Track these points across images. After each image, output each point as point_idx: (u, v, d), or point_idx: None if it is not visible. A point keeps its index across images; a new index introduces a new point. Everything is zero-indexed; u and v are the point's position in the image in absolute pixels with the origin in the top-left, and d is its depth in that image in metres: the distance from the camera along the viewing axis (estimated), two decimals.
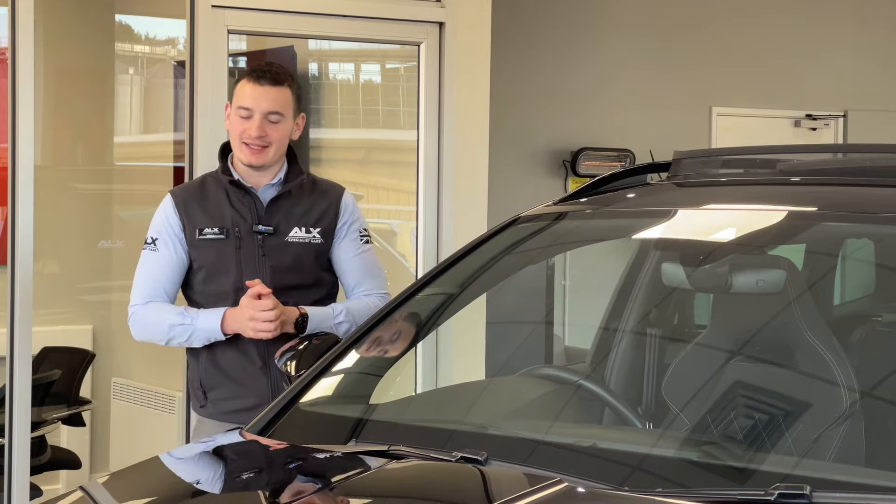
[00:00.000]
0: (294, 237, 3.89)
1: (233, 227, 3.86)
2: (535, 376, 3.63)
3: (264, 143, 3.84)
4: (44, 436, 5.64)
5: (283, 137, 3.88)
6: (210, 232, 3.86)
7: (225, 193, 3.90)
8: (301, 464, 2.94)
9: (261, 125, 3.82)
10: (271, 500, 2.70)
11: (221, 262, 3.86)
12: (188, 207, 3.89)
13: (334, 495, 2.66)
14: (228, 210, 3.88)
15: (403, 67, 6.58)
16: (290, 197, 3.92)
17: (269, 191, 3.91)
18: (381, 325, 3.33)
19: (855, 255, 3.63)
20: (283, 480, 2.90)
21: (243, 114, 3.84)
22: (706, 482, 2.62)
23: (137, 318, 3.88)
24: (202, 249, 3.86)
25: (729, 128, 7.75)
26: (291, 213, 3.91)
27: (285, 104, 3.86)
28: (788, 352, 3.15)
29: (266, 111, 3.83)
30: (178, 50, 6.90)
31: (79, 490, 2.81)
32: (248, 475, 2.96)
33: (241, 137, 3.84)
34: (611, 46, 7.42)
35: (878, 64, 8.18)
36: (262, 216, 3.88)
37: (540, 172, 7.19)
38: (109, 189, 7.03)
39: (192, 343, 3.84)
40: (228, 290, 3.85)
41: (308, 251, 3.91)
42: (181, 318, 3.81)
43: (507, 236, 3.45)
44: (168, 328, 3.82)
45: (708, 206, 3.41)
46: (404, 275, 6.25)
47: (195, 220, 3.87)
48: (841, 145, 7.36)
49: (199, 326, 3.80)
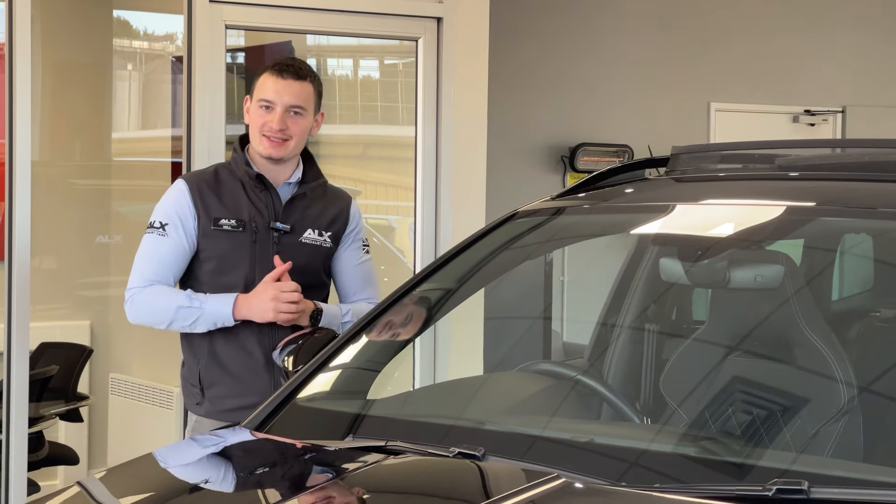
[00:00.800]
0: (307, 238, 3.90)
1: (250, 221, 3.84)
2: (533, 372, 3.63)
3: (285, 137, 3.83)
4: (41, 431, 5.63)
5: (304, 132, 3.88)
6: (227, 223, 3.84)
7: (241, 186, 3.88)
8: (298, 460, 2.94)
9: (282, 118, 3.82)
10: (269, 496, 2.70)
11: (235, 255, 3.83)
12: (203, 195, 3.85)
13: (332, 491, 2.66)
14: (246, 203, 3.85)
15: (402, 63, 6.57)
16: (306, 198, 3.92)
17: (286, 189, 3.91)
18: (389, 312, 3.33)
19: (853, 251, 3.62)
20: (281, 476, 2.90)
21: (265, 105, 3.84)
22: (704, 478, 2.61)
23: (138, 300, 3.81)
24: (216, 239, 3.83)
25: (727, 123, 7.74)
26: (307, 213, 3.91)
27: (307, 99, 3.87)
28: (786, 347, 3.15)
29: (288, 105, 3.83)
30: (176, 45, 6.90)
31: (76, 486, 2.80)
32: (246, 471, 2.96)
33: (262, 130, 3.84)
34: (609, 42, 7.42)
35: (876, 60, 8.17)
36: (280, 214, 3.88)
37: (538, 168, 7.19)
38: (107, 184, 7.03)
39: (196, 328, 3.79)
40: (239, 283, 3.82)
41: (318, 253, 3.92)
42: (188, 301, 3.77)
43: (505, 231, 3.45)
44: (174, 310, 3.76)
45: (706, 201, 3.40)
46: (402, 270, 6.25)
47: (210, 210, 3.83)
48: (839, 140, 7.36)
49: (207, 310, 3.76)
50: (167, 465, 3.01)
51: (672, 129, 7.34)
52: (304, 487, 2.75)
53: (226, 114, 5.22)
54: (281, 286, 3.74)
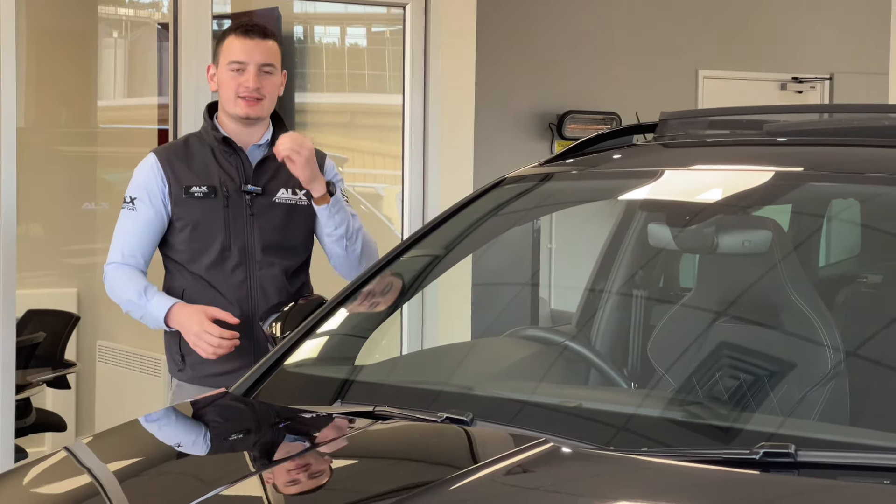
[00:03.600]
0: (281, 198, 3.91)
1: (221, 186, 3.85)
2: (521, 337, 3.63)
3: (260, 95, 3.85)
4: (29, 398, 5.63)
5: (276, 90, 3.92)
6: (197, 190, 3.85)
7: (211, 152, 3.89)
8: (286, 425, 2.94)
9: (256, 77, 3.85)
10: (256, 461, 2.70)
11: (208, 221, 3.85)
12: (173, 166, 3.87)
13: (320, 456, 2.66)
14: (216, 168, 3.87)
15: (389, 31, 6.55)
16: (277, 159, 3.91)
17: (256, 151, 3.92)
18: (370, 284, 3.32)
19: (841, 216, 3.63)
20: (269, 441, 2.90)
21: (236, 67, 3.85)
22: (691, 442, 2.62)
23: (108, 280, 3.90)
24: (188, 207, 3.85)
25: (715, 91, 7.74)
26: (279, 174, 3.91)
27: (275, 56, 3.91)
28: (774, 313, 3.15)
29: (260, 63, 3.86)
30: (162, 13, 6.86)
31: (63, 450, 2.80)
32: (233, 436, 2.96)
33: (238, 91, 3.85)
34: (597, 9, 7.39)
35: (863, 27, 8.16)
36: (251, 176, 3.88)
37: (526, 136, 7.17)
38: (93, 151, 7.00)
39: (146, 323, 3.86)
40: (215, 248, 3.84)
41: (295, 212, 3.92)
42: (137, 297, 3.82)
43: (493, 197, 3.44)
44: (125, 302, 3.86)
45: (694, 166, 3.40)
46: (390, 238, 6.24)
47: (181, 178, 3.86)
48: (827, 105, 7.35)
49: (149, 311, 3.82)
50: (154, 431, 3.01)
51: (660, 97, 7.32)
52: (291, 453, 2.74)
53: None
54: (208, 328, 3.72)
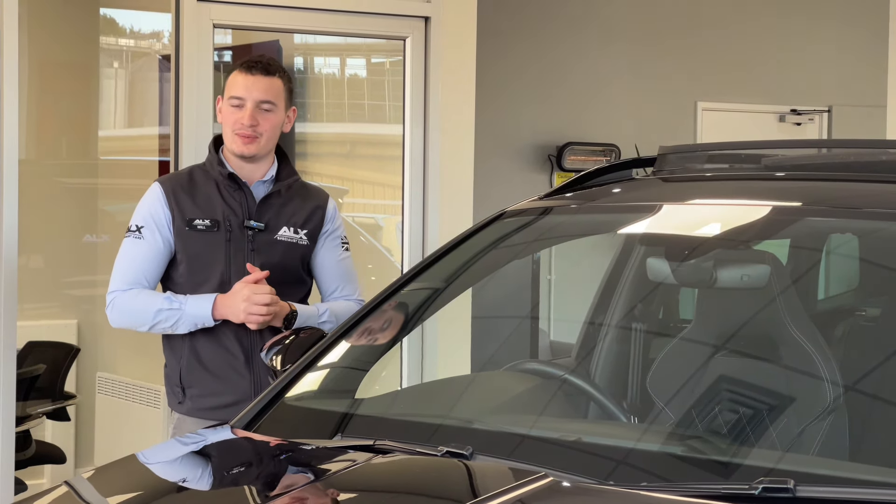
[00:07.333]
0: (283, 236, 3.91)
1: (224, 220, 3.86)
2: (521, 371, 3.63)
3: (256, 133, 3.85)
4: (28, 430, 5.62)
5: (275, 127, 3.90)
6: (200, 223, 3.86)
7: (215, 186, 3.90)
8: (287, 458, 2.94)
9: (253, 114, 3.85)
10: (258, 495, 2.70)
11: (209, 254, 3.85)
12: (178, 197, 3.88)
13: (320, 490, 2.66)
14: (220, 203, 3.88)
15: (389, 62, 6.58)
16: (281, 196, 3.93)
17: (260, 187, 3.93)
18: (370, 317, 3.33)
19: (839, 250, 3.64)
20: (270, 475, 2.90)
21: (235, 103, 3.87)
22: (691, 477, 2.62)
23: (119, 304, 3.85)
24: (190, 240, 3.85)
25: (714, 123, 7.76)
26: (282, 211, 3.92)
27: (277, 94, 3.89)
28: (773, 346, 3.15)
29: (258, 100, 3.86)
30: (164, 44, 6.89)
31: (63, 485, 2.80)
32: (234, 470, 2.96)
33: (234, 127, 3.86)
34: (596, 42, 7.43)
35: (862, 59, 8.19)
36: (254, 212, 3.89)
37: (525, 167, 7.19)
38: (94, 183, 7.02)
39: (177, 329, 3.81)
40: (215, 282, 3.85)
41: (294, 251, 3.93)
42: (168, 303, 3.79)
43: (493, 231, 3.45)
44: (154, 313, 3.79)
45: (693, 201, 3.41)
46: (390, 269, 6.26)
47: (185, 210, 3.86)
48: (825, 141, 7.38)
49: (187, 311, 3.78)
50: (154, 466, 3.01)
51: (659, 129, 7.36)
52: (291, 487, 2.75)
53: (213, 112, 5.21)
54: (254, 288, 3.75)
